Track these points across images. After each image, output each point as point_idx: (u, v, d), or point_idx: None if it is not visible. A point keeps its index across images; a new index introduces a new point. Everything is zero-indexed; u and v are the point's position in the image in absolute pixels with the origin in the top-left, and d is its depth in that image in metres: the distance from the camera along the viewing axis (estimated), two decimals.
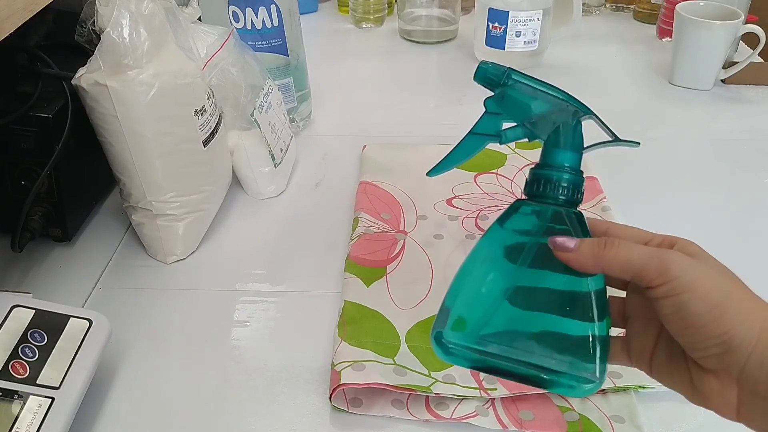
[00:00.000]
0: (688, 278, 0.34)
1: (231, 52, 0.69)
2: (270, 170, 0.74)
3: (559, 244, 0.38)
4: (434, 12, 1.10)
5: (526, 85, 0.43)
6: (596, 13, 1.21)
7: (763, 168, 0.80)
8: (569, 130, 0.42)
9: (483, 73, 0.44)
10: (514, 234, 0.41)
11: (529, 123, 0.43)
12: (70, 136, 0.61)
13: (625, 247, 0.37)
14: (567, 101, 0.42)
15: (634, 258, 0.36)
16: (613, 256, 0.36)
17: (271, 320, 0.60)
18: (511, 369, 0.39)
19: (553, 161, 0.41)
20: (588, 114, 0.42)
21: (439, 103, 0.95)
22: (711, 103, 0.93)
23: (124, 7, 0.56)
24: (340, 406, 0.51)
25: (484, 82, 0.44)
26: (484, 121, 0.45)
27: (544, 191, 0.41)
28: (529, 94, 0.43)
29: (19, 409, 0.44)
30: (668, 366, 0.38)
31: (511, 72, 0.43)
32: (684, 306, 0.34)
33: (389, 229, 0.68)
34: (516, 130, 0.44)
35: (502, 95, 0.44)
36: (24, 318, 0.49)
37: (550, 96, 0.42)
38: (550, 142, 0.42)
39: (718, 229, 0.70)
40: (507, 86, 0.43)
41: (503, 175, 0.76)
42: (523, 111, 0.43)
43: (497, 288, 0.40)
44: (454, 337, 0.40)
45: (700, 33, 0.91)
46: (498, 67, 0.43)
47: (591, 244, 0.37)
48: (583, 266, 0.38)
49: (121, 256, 0.68)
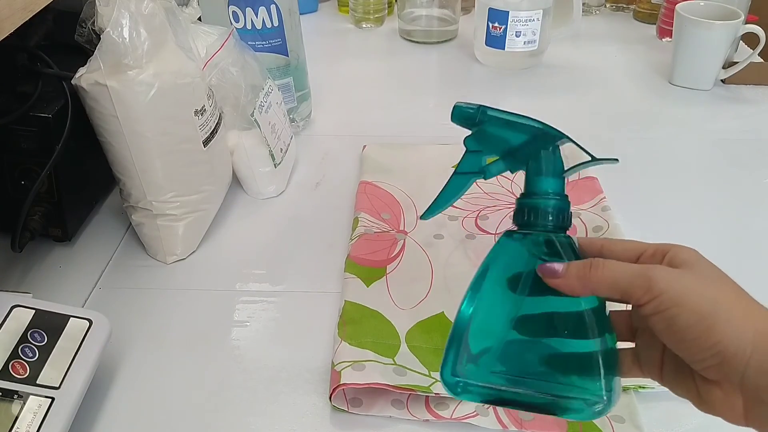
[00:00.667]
0: (673, 293, 0.34)
1: (231, 52, 0.69)
2: (270, 170, 0.74)
3: (548, 270, 0.39)
4: (434, 12, 1.10)
5: (500, 119, 0.45)
6: (596, 13, 1.21)
7: (763, 168, 0.80)
8: (548, 156, 0.43)
9: (459, 112, 0.46)
10: (508, 265, 0.42)
11: (510, 155, 0.45)
12: (70, 136, 0.61)
13: (610, 267, 0.37)
14: (542, 128, 0.43)
15: (620, 278, 0.36)
16: (599, 278, 0.37)
17: (271, 320, 0.60)
18: (522, 399, 0.39)
19: (536, 189, 0.42)
20: (563, 138, 0.43)
21: (439, 103, 0.95)
22: (711, 103, 0.93)
23: (124, 7, 0.56)
24: (340, 406, 0.51)
25: (460, 122, 0.46)
26: (466, 159, 0.47)
27: (532, 220, 0.42)
28: (504, 127, 0.44)
29: (19, 409, 0.44)
30: (675, 376, 0.38)
31: (485, 109, 0.45)
32: (673, 321, 0.34)
33: (389, 229, 0.68)
34: (498, 164, 0.46)
35: (479, 132, 0.46)
36: (24, 318, 0.49)
37: (525, 126, 0.44)
38: (531, 170, 0.43)
39: (718, 229, 0.70)
40: (483, 123, 0.45)
41: (503, 175, 0.76)
42: (501, 144, 0.45)
43: (501, 321, 0.41)
44: (464, 376, 0.41)
45: (700, 33, 0.91)
46: (471, 106, 0.45)
47: (577, 267, 0.38)
48: (572, 290, 0.38)
49: (121, 256, 0.68)
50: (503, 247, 0.42)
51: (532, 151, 0.43)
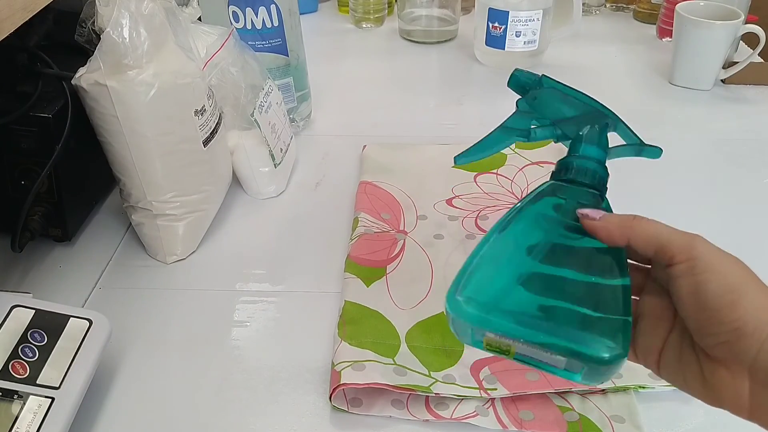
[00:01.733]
0: (710, 258, 0.35)
1: (231, 52, 0.69)
2: (270, 170, 0.74)
3: (587, 212, 0.39)
4: (434, 12, 1.10)
5: (557, 91, 0.45)
6: (596, 13, 1.21)
7: (763, 168, 0.80)
8: (596, 131, 0.43)
9: (516, 80, 0.46)
10: (544, 211, 0.41)
11: (560, 124, 0.44)
12: (70, 136, 0.61)
13: (652, 223, 0.38)
14: (597, 107, 0.43)
15: (662, 232, 0.37)
16: (638, 227, 0.38)
17: (271, 320, 0.60)
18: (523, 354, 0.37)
19: (581, 152, 0.42)
20: (616, 122, 0.44)
21: (439, 103, 0.95)
22: (711, 103, 0.93)
23: (124, 7, 0.56)
24: (340, 406, 0.51)
25: (516, 89, 0.46)
26: (515, 117, 0.46)
27: (572, 176, 0.41)
28: (560, 98, 0.44)
29: (19, 409, 0.44)
30: (678, 363, 0.37)
31: (543, 79, 0.45)
32: (702, 286, 0.34)
33: (389, 229, 0.68)
34: (545, 129, 0.45)
35: (533, 97, 0.45)
36: (24, 318, 0.49)
37: (580, 101, 0.44)
38: (577, 139, 0.43)
39: (717, 229, 0.70)
40: (540, 89, 0.45)
41: (503, 175, 0.76)
42: (554, 112, 0.45)
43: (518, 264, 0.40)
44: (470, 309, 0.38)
45: (700, 33, 0.91)
46: (531, 75, 0.45)
47: (620, 216, 0.39)
48: (610, 235, 0.38)
49: (121, 256, 0.68)
50: (541, 193, 0.42)
51: (581, 125, 0.43)
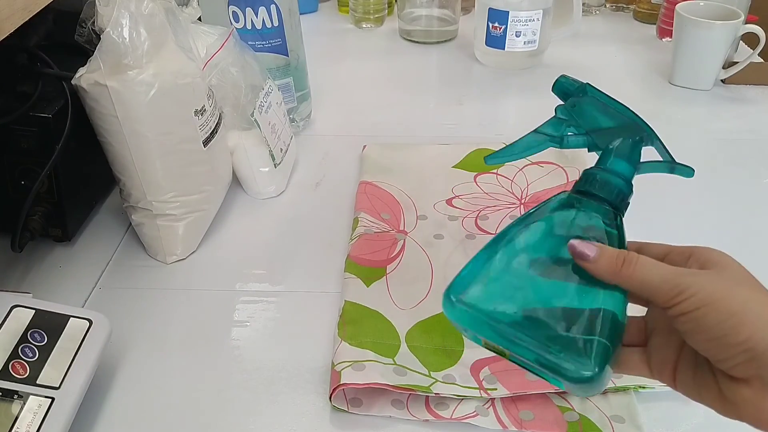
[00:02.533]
0: (703, 294, 0.34)
1: (231, 52, 0.69)
2: (270, 170, 0.74)
3: (579, 251, 0.38)
4: (434, 12, 1.10)
5: (598, 101, 0.45)
6: (596, 13, 1.21)
7: (763, 168, 0.80)
8: (629, 145, 0.43)
9: (561, 86, 0.46)
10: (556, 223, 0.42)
11: (594, 134, 0.45)
12: (70, 136, 0.61)
13: (642, 266, 0.37)
14: (634, 121, 0.44)
15: (651, 278, 0.36)
16: (629, 275, 0.37)
17: (271, 320, 0.60)
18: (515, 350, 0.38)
19: (608, 166, 0.42)
20: (651, 137, 0.44)
21: (439, 103, 0.95)
22: (711, 103, 0.93)
23: (124, 7, 0.56)
24: (340, 406, 0.51)
25: (560, 94, 0.46)
26: (550, 122, 0.46)
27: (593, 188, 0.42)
28: (600, 108, 0.44)
29: (19, 409, 0.44)
30: (694, 379, 0.37)
31: (588, 87, 0.45)
32: (702, 320, 0.34)
33: (389, 229, 0.68)
34: (579, 138, 0.45)
35: (573, 104, 0.45)
36: (24, 318, 0.49)
37: (619, 113, 0.44)
38: (608, 151, 0.43)
39: (718, 229, 0.70)
40: (581, 97, 0.45)
41: (503, 175, 0.76)
42: (590, 121, 0.45)
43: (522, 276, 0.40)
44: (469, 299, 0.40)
45: (700, 33, 0.91)
46: (575, 82, 0.46)
47: (609, 259, 0.38)
48: (600, 277, 0.38)
49: (121, 256, 0.68)
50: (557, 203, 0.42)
51: (615, 137, 0.43)
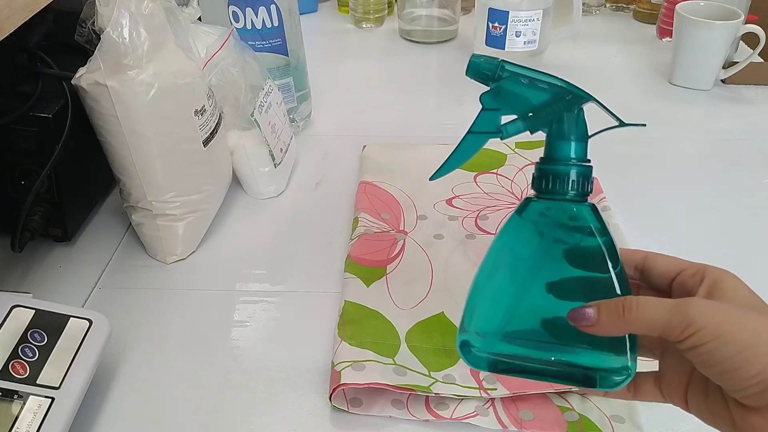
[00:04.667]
0: (713, 326, 0.33)
1: (231, 52, 0.69)
2: (270, 170, 0.74)
3: (578, 318, 0.37)
4: (434, 12, 1.10)
5: (521, 75, 0.41)
6: (596, 13, 1.21)
7: (763, 168, 0.80)
8: (572, 119, 0.40)
9: (475, 67, 0.43)
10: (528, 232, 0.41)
11: (530, 115, 0.42)
12: (70, 136, 0.61)
13: (644, 307, 0.35)
14: (566, 89, 0.41)
15: (656, 318, 0.35)
16: (633, 320, 0.35)
17: (271, 320, 0.60)
18: (540, 370, 0.38)
19: (558, 154, 0.40)
20: (589, 100, 0.41)
21: (439, 103, 0.95)
22: (711, 103, 0.93)
23: (124, 7, 0.56)
24: (340, 406, 0.51)
25: (476, 77, 0.43)
26: (482, 118, 0.44)
27: (552, 187, 0.40)
28: (525, 85, 0.41)
29: (19, 409, 0.44)
30: (706, 404, 0.37)
31: (504, 63, 0.42)
32: (713, 354, 0.33)
33: (389, 229, 0.68)
34: (516, 123, 0.43)
35: (498, 90, 0.42)
36: (24, 318, 0.49)
37: (547, 85, 0.41)
38: (553, 134, 0.41)
39: (717, 229, 0.70)
40: (502, 79, 0.42)
41: (503, 175, 0.76)
42: (521, 103, 0.42)
43: (515, 288, 0.40)
44: (478, 343, 0.40)
45: (700, 33, 0.91)
46: (490, 60, 0.42)
47: (609, 311, 0.36)
48: (608, 334, 0.37)
49: (121, 256, 0.68)
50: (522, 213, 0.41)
51: (554, 111, 0.41)
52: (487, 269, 0.41)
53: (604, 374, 0.38)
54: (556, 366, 0.38)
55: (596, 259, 0.38)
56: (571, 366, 0.38)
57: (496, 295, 0.41)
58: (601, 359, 0.37)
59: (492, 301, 0.41)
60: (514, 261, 0.41)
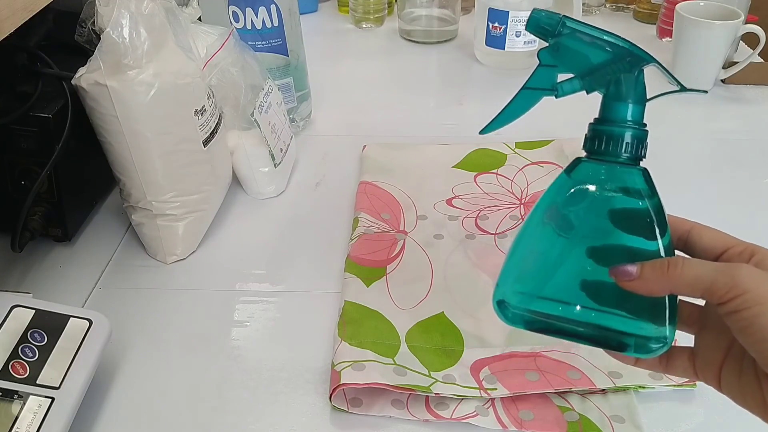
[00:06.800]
0: (759, 291, 0.33)
1: (231, 52, 0.69)
2: (270, 170, 0.74)
3: (620, 273, 0.37)
4: (434, 12, 1.10)
5: (582, 33, 0.41)
6: (596, 13, 1.21)
7: (763, 168, 0.80)
8: (631, 80, 0.39)
9: (535, 21, 0.41)
10: (576, 191, 0.40)
11: (587, 74, 0.41)
12: (70, 136, 0.61)
13: (690, 265, 0.35)
14: (628, 49, 0.40)
15: (702, 275, 0.34)
16: (678, 276, 0.35)
17: (271, 320, 0.60)
18: (575, 331, 0.38)
19: (614, 115, 0.40)
20: (651, 62, 0.40)
21: (439, 103, 0.95)
22: (711, 103, 0.93)
23: (124, 7, 0.56)
24: (340, 406, 0.51)
25: (536, 32, 0.42)
26: (538, 74, 0.43)
27: (606, 148, 0.39)
28: (586, 43, 0.41)
29: (19, 409, 0.44)
30: (738, 383, 0.36)
31: (565, 20, 0.41)
32: (756, 320, 0.33)
33: (389, 229, 0.68)
34: (573, 82, 0.42)
35: (557, 46, 0.41)
36: (24, 318, 0.49)
37: (608, 44, 0.40)
38: (610, 95, 0.40)
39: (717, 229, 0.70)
40: (562, 35, 0.41)
41: (503, 175, 0.76)
42: (580, 62, 0.41)
43: (558, 248, 0.39)
44: (515, 300, 0.39)
45: (700, 33, 0.91)
46: (551, 15, 0.41)
47: (653, 267, 0.36)
48: (650, 291, 0.36)
49: (121, 256, 0.68)
50: (572, 173, 0.40)
51: (613, 72, 0.40)
52: (530, 227, 0.41)
53: (640, 341, 0.37)
54: (592, 329, 0.38)
55: (644, 224, 0.38)
56: (607, 330, 0.38)
57: (537, 253, 0.40)
58: (639, 326, 0.37)
59: (533, 259, 0.40)
60: (558, 220, 0.40)
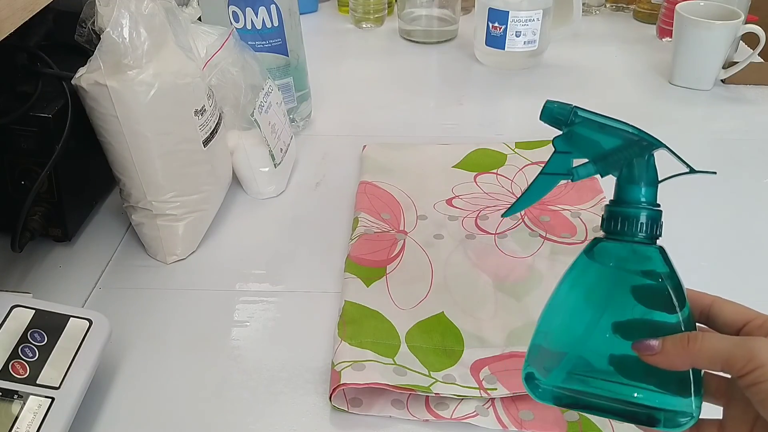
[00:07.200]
0: None
1: (231, 52, 0.69)
2: (270, 170, 0.74)
3: (643, 347, 0.38)
4: (434, 12, 1.10)
5: (593, 121, 0.43)
6: (596, 13, 1.21)
7: (763, 168, 0.80)
8: (643, 164, 0.42)
9: (549, 112, 0.44)
10: (596, 271, 0.41)
11: (600, 159, 0.44)
12: (70, 136, 0.61)
13: (709, 339, 0.36)
14: (638, 135, 0.42)
15: (720, 349, 0.35)
16: (698, 350, 0.36)
17: (271, 320, 0.60)
18: (604, 406, 0.39)
19: (629, 197, 0.42)
20: (660, 147, 0.43)
21: (439, 103, 0.95)
22: (711, 103, 0.93)
23: (124, 7, 0.56)
24: (340, 406, 0.51)
25: (550, 121, 0.44)
26: (554, 160, 0.45)
27: (622, 229, 0.41)
28: (597, 130, 0.43)
29: (19, 409, 0.44)
30: None
31: (577, 110, 0.43)
32: None
33: (389, 229, 0.68)
34: (587, 166, 0.44)
35: (570, 134, 0.44)
36: (24, 318, 0.49)
37: (619, 131, 0.43)
38: (624, 178, 0.42)
39: (717, 230, 0.70)
40: (575, 124, 0.43)
41: (503, 175, 0.76)
42: (593, 148, 0.44)
43: (583, 325, 0.40)
44: (545, 377, 0.40)
45: (700, 33, 0.91)
46: (563, 106, 0.44)
47: (674, 342, 0.37)
48: (672, 365, 0.37)
49: (121, 256, 0.68)
50: (591, 253, 0.42)
51: (625, 157, 0.42)
52: (554, 306, 0.42)
53: (669, 415, 0.38)
54: (621, 404, 0.39)
55: (664, 299, 0.39)
56: (636, 405, 0.39)
57: (563, 331, 0.41)
58: (666, 400, 0.38)
59: (559, 337, 0.41)
60: (581, 300, 0.41)
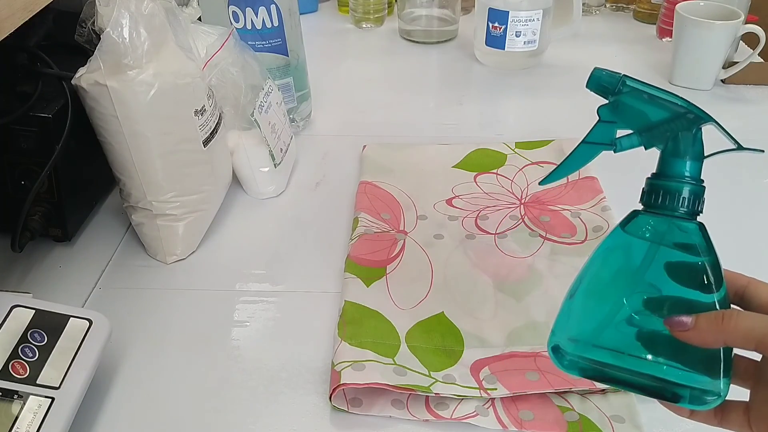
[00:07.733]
0: None
1: (231, 52, 0.69)
2: (270, 170, 0.74)
3: (676, 323, 0.37)
4: (434, 12, 1.10)
5: (642, 92, 0.42)
6: (596, 13, 1.21)
7: (763, 168, 0.80)
8: (689, 137, 0.41)
9: (596, 80, 0.43)
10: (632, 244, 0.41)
11: (646, 131, 0.43)
12: (70, 136, 0.61)
13: (744, 317, 0.36)
14: (686, 108, 0.41)
15: (755, 327, 0.35)
16: (732, 328, 0.35)
17: (271, 320, 0.60)
18: (630, 380, 0.39)
19: (672, 171, 0.41)
20: (709, 121, 0.42)
21: (439, 103, 0.95)
22: (711, 103, 0.93)
23: (124, 7, 0.56)
24: (340, 406, 0.51)
25: (597, 89, 0.43)
26: (597, 129, 0.44)
27: (663, 203, 0.41)
28: (645, 101, 0.42)
29: (19, 409, 0.44)
30: None
31: (626, 79, 0.42)
32: None
33: (389, 229, 0.68)
34: (632, 138, 0.43)
35: (616, 103, 0.43)
36: (24, 318, 0.49)
37: (667, 103, 0.41)
38: (668, 151, 0.41)
39: (717, 230, 0.70)
40: (622, 93, 0.42)
41: (503, 175, 0.76)
42: (639, 119, 0.43)
43: (614, 298, 0.40)
44: (570, 347, 0.40)
45: (700, 33, 0.91)
46: (612, 74, 0.42)
47: (708, 319, 0.36)
48: (704, 342, 0.37)
49: (121, 256, 0.68)
50: (628, 225, 0.41)
51: (671, 129, 0.41)
52: (586, 277, 0.41)
53: (695, 392, 0.38)
54: (647, 379, 0.39)
55: (700, 278, 0.38)
56: (662, 381, 0.38)
57: (593, 303, 0.41)
58: (695, 378, 0.38)
59: (589, 308, 0.41)
60: (615, 272, 0.41)
